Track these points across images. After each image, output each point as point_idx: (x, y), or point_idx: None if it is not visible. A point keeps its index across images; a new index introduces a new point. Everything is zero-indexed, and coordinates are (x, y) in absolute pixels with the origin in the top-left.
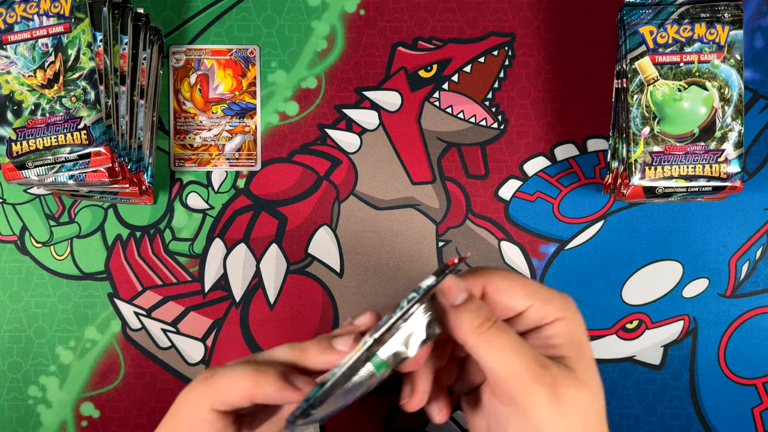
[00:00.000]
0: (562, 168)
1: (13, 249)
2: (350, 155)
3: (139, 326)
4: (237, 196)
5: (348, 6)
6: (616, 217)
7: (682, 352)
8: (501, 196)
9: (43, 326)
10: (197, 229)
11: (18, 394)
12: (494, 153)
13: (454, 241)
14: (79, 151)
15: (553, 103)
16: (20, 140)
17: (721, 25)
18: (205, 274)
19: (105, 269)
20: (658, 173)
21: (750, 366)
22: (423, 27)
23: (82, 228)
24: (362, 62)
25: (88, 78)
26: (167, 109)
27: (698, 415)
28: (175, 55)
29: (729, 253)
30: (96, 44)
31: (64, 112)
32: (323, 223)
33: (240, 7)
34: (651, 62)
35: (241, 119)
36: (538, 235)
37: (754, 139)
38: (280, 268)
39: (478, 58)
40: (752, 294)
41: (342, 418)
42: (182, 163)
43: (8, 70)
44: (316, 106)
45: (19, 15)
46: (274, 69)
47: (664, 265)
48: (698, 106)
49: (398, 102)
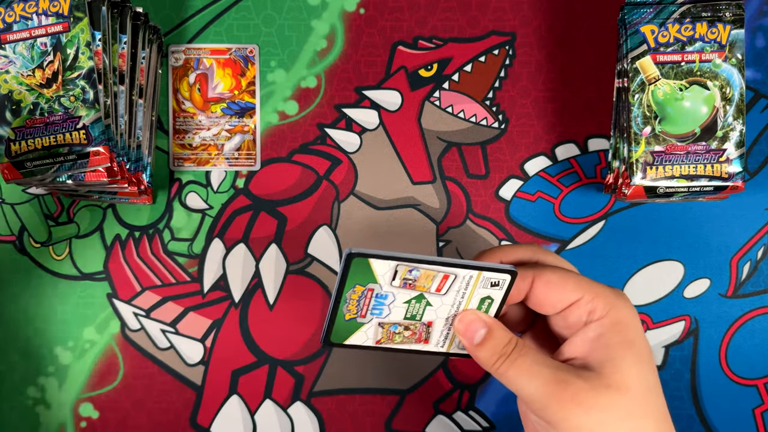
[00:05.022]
0: (563, 168)
1: (12, 249)
2: (350, 155)
3: (138, 327)
4: (236, 196)
5: (348, 5)
6: (617, 217)
7: (683, 353)
8: (502, 195)
9: (42, 327)
10: (196, 229)
11: (17, 395)
12: (495, 153)
13: (455, 241)
14: (77, 150)
15: (554, 103)
16: (19, 140)
17: (723, 25)
18: (204, 274)
19: (104, 269)
20: (659, 173)
21: (751, 366)
22: (423, 26)
23: (81, 228)
24: (362, 61)
25: (86, 77)
26: (166, 109)
27: (699, 415)
28: (174, 55)
29: (730, 253)
30: (95, 43)
31: (63, 112)
32: (323, 223)
33: (239, 6)
34: (652, 61)
35: (240, 119)
36: (539, 235)
37: (755, 139)
38: (279, 268)
39: (478, 58)
40: (754, 294)
41: (342, 418)
42: (181, 162)
43: (7, 69)
44: (316, 105)
45: (17, 14)
46: (274, 68)
47: (665, 265)
48: (699, 106)
49: (398, 101)
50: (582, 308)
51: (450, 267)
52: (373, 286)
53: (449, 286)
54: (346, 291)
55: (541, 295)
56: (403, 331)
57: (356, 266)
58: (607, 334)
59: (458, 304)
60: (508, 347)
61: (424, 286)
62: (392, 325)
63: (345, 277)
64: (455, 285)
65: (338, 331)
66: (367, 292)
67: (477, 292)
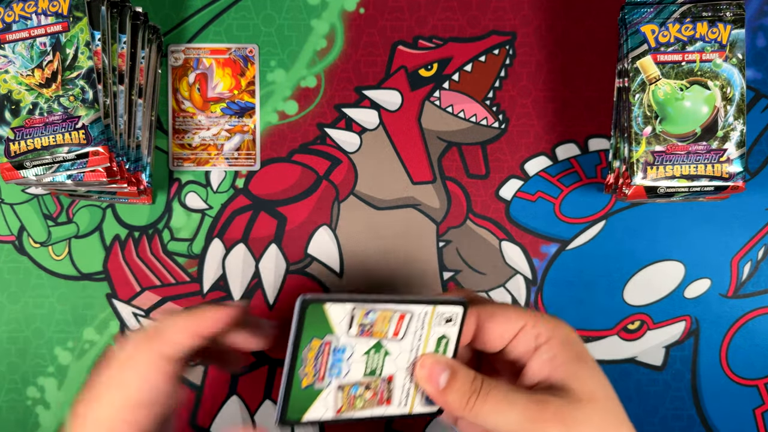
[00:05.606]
0: (563, 168)
1: (11, 249)
2: (350, 155)
3: (138, 327)
4: (236, 195)
5: (348, 4)
6: (617, 217)
7: (684, 353)
8: (502, 195)
9: (42, 327)
10: (196, 229)
11: (16, 396)
12: (495, 152)
13: (455, 241)
14: (77, 150)
15: (554, 103)
16: (18, 140)
17: (723, 24)
18: (203, 274)
19: (103, 270)
20: (659, 173)
21: (752, 367)
22: (423, 26)
23: (81, 228)
24: (362, 61)
25: (86, 77)
26: (166, 109)
27: (700, 416)
28: (174, 54)
29: (731, 253)
30: (94, 43)
31: (62, 112)
32: (323, 223)
33: (239, 6)
34: (653, 61)
35: (240, 118)
36: (539, 235)
37: (756, 139)
38: (279, 268)
39: (478, 57)
40: (754, 294)
41: None
42: (181, 162)
43: (6, 69)
44: (316, 105)
45: (17, 14)
46: (274, 68)
47: (666, 265)
48: (700, 106)
49: (398, 101)
50: (528, 333)
51: (405, 304)
52: (330, 338)
53: (406, 327)
54: (302, 348)
55: (490, 329)
56: (364, 393)
57: (312, 314)
58: (560, 352)
59: (416, 348)
60: (476, 383)
61: (381, 331)
62: (353, 387)
63: (301, 330)
64: (412, 325)
65: (295, 404)
66: (324, 346)
67: (433, 332)
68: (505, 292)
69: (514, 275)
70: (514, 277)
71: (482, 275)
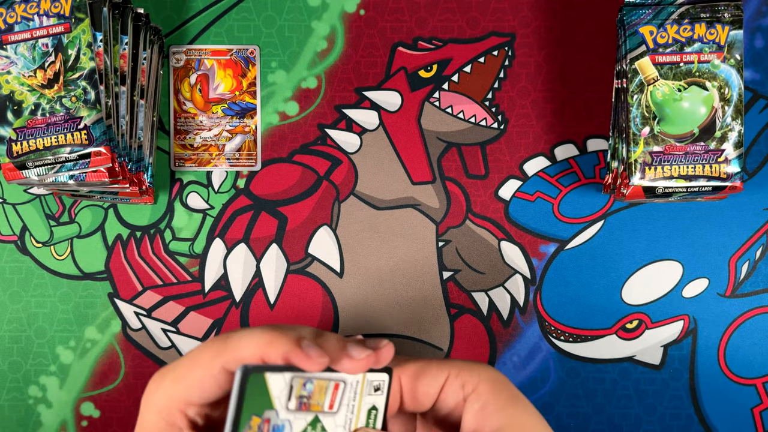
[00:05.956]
0: (562, 168)
1: (14, 249)
2: (350, 155)
3: (140, 326)
4: (237, 196)
5: (348, 6)
6: (616, 217)
7: (682, 352)
8: (501, 196)
9: (44, 326)
10: (197, 229)
11: (18, 394)
12: (494, 153)
13: (454, 241)
14: (79, 151)
15: (553, 103)
16: (20, 140)
17: (721, 25)
18: (205, 274)
19: (105, 269)
20: (658, 173)
21: (750, 366)
22: (423, 27)
23: (83, 228)
24: (362, 62)
25: (88, 78)
26: (167, 109)
27: (698, 415)
28: (176, 55)
29: (729, 253)
30: (96, 44)
31: (64, 112)
32: (323, 223)
33: (240, 7)
34: (651, 62)
35: (241, 119)
36: (538, 235)
37: (754, 139)
38: (280, 268)
39: (478, 58)
40: (752, 294)
41: None
42: (182, 163)
43: (8, 70)
44: (316, 106)
45: (19, 15)
46: (274, 69)
47: (664, 265)
48: (698, 106)
49: (398, 102)
50: (453, 384)
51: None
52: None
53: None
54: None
55: (415, 390)
56: None
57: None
58: (491, 398)
59: (349, 422)
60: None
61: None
62: None
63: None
64: (345, 396)
65: None
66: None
67: (364, 402)
68: (504, 292)
69: (513, 275)
70: (513, 276)
71: (481, 275)
